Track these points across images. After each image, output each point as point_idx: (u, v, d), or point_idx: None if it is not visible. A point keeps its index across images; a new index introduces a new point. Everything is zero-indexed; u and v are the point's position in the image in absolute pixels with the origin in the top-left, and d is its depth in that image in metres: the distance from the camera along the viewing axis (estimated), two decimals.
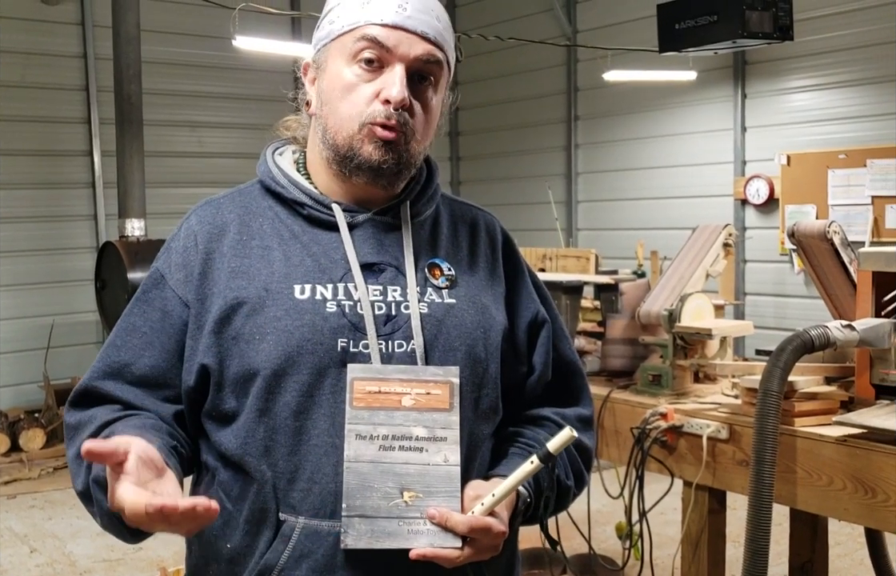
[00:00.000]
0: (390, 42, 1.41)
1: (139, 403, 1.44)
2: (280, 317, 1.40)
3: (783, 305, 7.67)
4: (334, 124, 1.45)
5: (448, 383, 1.39)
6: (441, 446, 1.37)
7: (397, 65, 1.42)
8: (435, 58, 1.45)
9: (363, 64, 1.43)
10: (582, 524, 3.38)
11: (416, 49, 1.42)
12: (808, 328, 2.38)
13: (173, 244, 1.51)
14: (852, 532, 4.74)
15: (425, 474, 1.36)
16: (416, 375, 1.39)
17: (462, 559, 1.35)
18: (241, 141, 8.41)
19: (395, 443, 1.36)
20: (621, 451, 3.07)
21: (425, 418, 1.37)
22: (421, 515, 1.34)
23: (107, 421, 1.40)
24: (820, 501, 2.49)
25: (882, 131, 6.98)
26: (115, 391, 1.44)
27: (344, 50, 1.44)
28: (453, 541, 1.34)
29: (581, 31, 9.10)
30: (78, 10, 8.00)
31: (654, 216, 8.48)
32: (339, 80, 1.44)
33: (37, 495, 6.23)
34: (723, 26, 4.73)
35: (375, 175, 1.44)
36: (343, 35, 1.44)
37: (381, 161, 1.42)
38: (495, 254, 1.59)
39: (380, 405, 1.37)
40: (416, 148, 1.46)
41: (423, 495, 1.35)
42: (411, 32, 1.42)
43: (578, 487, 1.60)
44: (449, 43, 1.48)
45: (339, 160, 1.45)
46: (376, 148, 1.42)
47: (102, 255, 6.43)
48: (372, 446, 1.35)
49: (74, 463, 1.42)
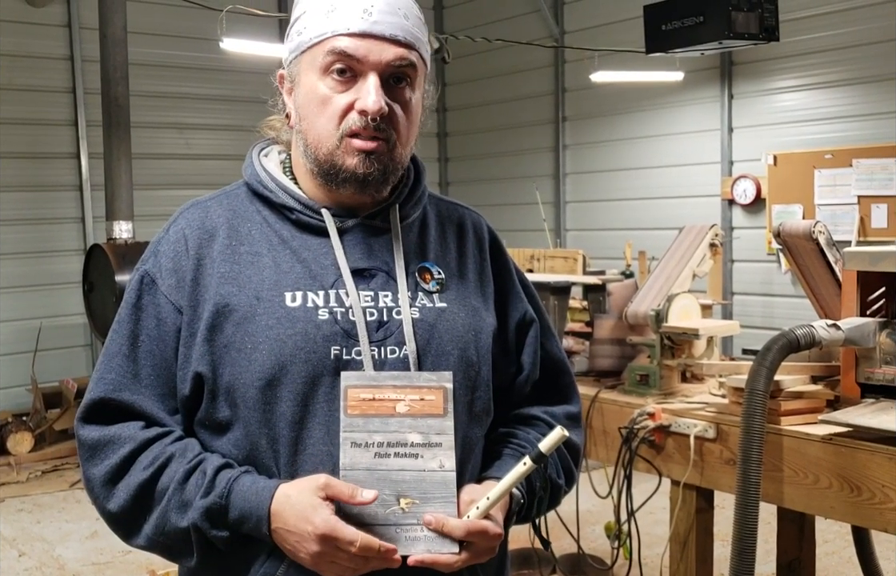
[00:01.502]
0: (360, 52, 1.39)
1: (156, 413, 1.43)
2: (272, 326, 1.39)
3: (770, 305, 7.70)
4: (314, 139, 1.43)
5: (441, 389, 1.39)
6: (436, 452, 1.37)
7: (370, 74, 1.40)
8: (407, 60, 1.42)
9: (335, 76, 1.41)
10: (571, 524, 3.39)
11: (387, 54, 1.40)
12: (793, 328, 2.40)
13: (161, 247, 1.49)
14: (840, 530, 4.76)
15: (421, 480, 1.36)
16: (410, 382, 1.39)
17: (459, 564, 1.35)
18: (229, 143, 8.39)
19: (391, 450, 1.36)
20: (609, 451, 3.08)
21: (420, 424, 1.37)
22: (417, 521, 1.34)
23: (143, 441, 1.40)
24: (806, 499, 2.51)
25: (868, 131, 7.03)
26: (136, 402, 1.42)
27: (314, 63, 1.42)
28: (450, 546, 1.34)
29: (568, 32, 9.11)
30: (64, 12, 7.96)
31: (641, 216, 8.50)
32: (313, 94, 1.43)
33: (25, 499, 6.21)
34: (709, 27, 4.75)
35: (362, 185, 1.43)
36: (312, 47, 1.42)
37: (366, 173, 1.41)
38: (483, 254, 1.59)
39: (374, 412, 1.36)
40: (400, 152, 1.44)
41: (420, 502, 1.35)
42: (380, 38, 1.40)
43: (569, 484, 1.62)
44: (421, 38, 1.46)
45: (324, 174, 1.44)
46: (359, 160, 1.41)
47: (90, 257, 6.41)
48: (367, 453, 1.35)
49: (104, 486, 1.40)
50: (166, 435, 1.41)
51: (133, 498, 1.38)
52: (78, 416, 1.45)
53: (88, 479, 1.43)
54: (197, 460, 1.38)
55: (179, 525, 1.36)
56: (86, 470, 1.43)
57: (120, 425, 1.41)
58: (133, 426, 1.41)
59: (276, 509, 1.32)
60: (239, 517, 1.34)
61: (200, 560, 1.38)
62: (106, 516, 1.42)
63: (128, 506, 1.39)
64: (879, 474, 2.31)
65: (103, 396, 1.43)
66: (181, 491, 1.36)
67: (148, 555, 1.43)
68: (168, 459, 1.39)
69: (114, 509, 1.40)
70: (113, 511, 1.40)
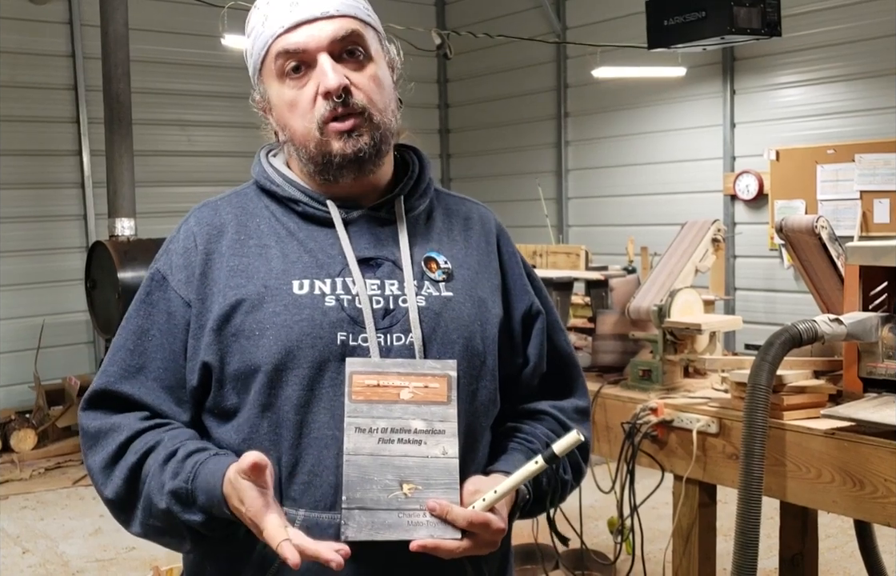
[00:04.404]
0: (300, 43, 1.42)
1: (159, 405, 1.45)
2: (279, 312, 1.41)
3: (773, 300, 7.70)
4: (300, 141, 1.46)
5: (446, 376, 1.40)
6: (439, 439, 1.38)
7: (319, 57, 1.42)
8: (348, 29, 1.44)
9: (292, 75, 1.44)
10: (574, 520, 3.40)
11: (326, 31, 1.43)
12: (796, 323, 2.39)
13: (172, 246, 1.52)
14: (843, 525, 4.76)
15: (424, 466, 1.37)
16: (414, 369, 1.40)
17: (461, 551, 1.35)
18: (231, 139, 8.40)
19: (394, 436, 1.37)
20: (612, 446, 3.08)
21: (423, 411, 1.38)
22: (420, 507, 1.35)
23: (139, 430, 1.42)
24: (809, 493, 2.51)
25: (870, 126, 7.02)
26: (136, 393, 1.45)
27: (271, 73, 1.47)
28: (453, 533, 1.35)
29: (570, 27, 9.11)
30: (66, 9, 7.97)
31: (644, 212, 8.50)
32: (281, 102, 1.46)
33: (28, 496, 6.22)
34: (711, 22, 4.76)
35: (359, 165, 1.45)
36: (263, 60, 1.47)
37: (356, 151, 1.43)
38: (490, 246, 1.60)
39: (378, 399, 1.38)
40: (381, 117, 1.45)
41: (422, 488, 1.36)
42: (311, 21, 1.42)
43: (577, 479, 1.62)
44: (356, 4, 1.47)
45: (322, 170, 1.46)
46: (344, 141, 1.43)
47: (92, 254, 6.41)
48: (371, 438, 1.36)
49: (102, 472, 1.43)
50: (164, 424, 1.44)
51: (125, 481, 1.41)
52: (81, 406, 1.49)
53: (89, 467, 1.46)
54: (178, 444, 1.40)
55: (160, 507, 1.38)
56: (87, 458, 1.47)
57: (120, 415, 1.45)
58: (132, 416, 1.44)
59: (226, 490, 1.33)
60: (206, 501, 1.35)
61: (194, 546, 1.41)
62: (106, 503, 1.46)
63: (121, 491, 1.42)
64: (882, 469, 2.31)
65: (104, 388, 1.47)
66: (161, 473, 1.38)
67: (151, 551, 1.44)
68: (157, 443, 1.41)
69: (110, 494, 1.43)
70: (110, 496, 1.43)
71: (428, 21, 9.75)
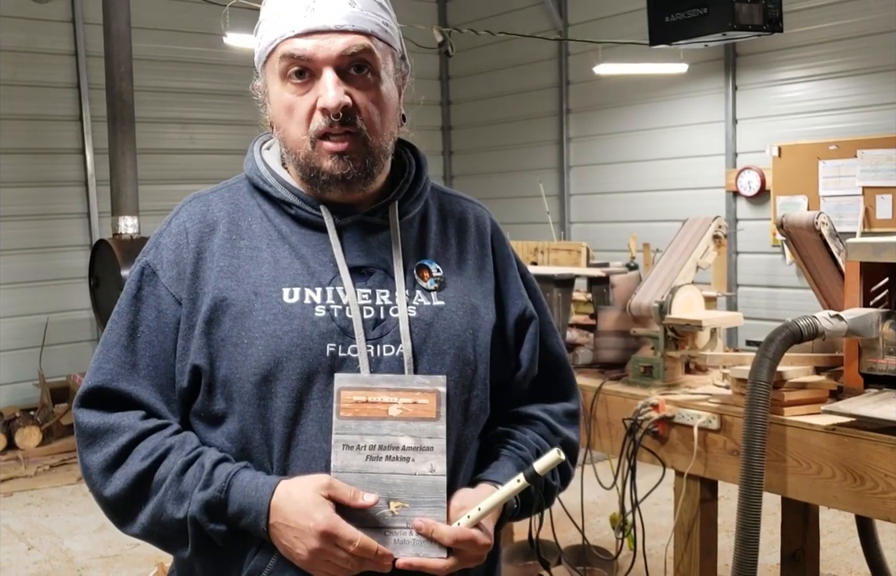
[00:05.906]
0: (308, 51, 1.38)
1: (155, 404, 1.43)
2: (269, 321, 1.39)
3: (775, 296, 7.70)
4: (291, 146, 1.43)
5: (434, 392, 1.39)
6: (427, 456, 1.37)
7: (325, 70, 1.38)
8: (360, 46, 1.39)
9: (294, 79, 1.40)
10: (576, 516, 3.41)
11: (336, 46, 1.38)
12: (796, 319, 2.40)
13: (163, 240, 1.48)
14: (844, 520, 4.77)
15: (411, 484, 1.36)
16: (403, 385, 1.39)
17: (447, 569, 1.36)
18: (233, 137, 8.40)
19: (382, 453, 1.36)
20: (614, 442, 3.09)
21: (412, 428, 1.37)
22: (407, 525, 1.35)
23: (143, 431, 1.40)
24: (810, 489, 2.52)
25: (872, 122, 7.01)
26: (134, 391, 1.43)
27: (274, 70, 1.43)
28: (439, 551, 1.36)
29: (572, 24, 9.10)
30: (69, 7, 7.98)
31: (646, 209, 8.49)
32: (280, 103, 1.43)
33: (33, 493, 6.24)
34: (713, 19, 4.76)
35: (346, 185, 1.42)
36: (269, 55, 1.43)
37: (344, 174, 1.40)
38: (484, 249, 1.58)
39: (367, 415, 1.37)
40: (375, 141, 1.42)
41: (409, 506, 1.36)
42: (325, 32, 1.38)
43: (564, 483, 1.62)
44: (375, 20, 1.42)
45: (308, 178, 1.44)
46: (335, 162, 1.40)
47: (96, 252, 6.43)
48: (359, 455, 1.36)
49: (101, 473, 1.41)
50: (165, 427, 1.42)
51: (130, 487, 1.39)
52: (76, 403, 1.46)
53: (86, 466, 1.43)
54: (195, 453, 1.39)
55: (176, 516, 1.36)
56: (84, 457, 1.44)
57: (119, 414, 1.42)
58: (132, 416, 1.42)
59: (276, 503, 1.33)
60: (238, 511, 1.35)
61: (194, 552, 1.39)
62: (101, 502, 1.43)
63: (124, 494, 1.40)
64: (882, 464, 2.32)
65: (101, 385, 1.44)
66: (178, 483, 1.37)
67: (156, 548, 1.45)
68: (167, 450, 1.39)
69: (110, 495, 1.41)
70: (108, 498, 1.41)
71: (429, 18, 9.75)
